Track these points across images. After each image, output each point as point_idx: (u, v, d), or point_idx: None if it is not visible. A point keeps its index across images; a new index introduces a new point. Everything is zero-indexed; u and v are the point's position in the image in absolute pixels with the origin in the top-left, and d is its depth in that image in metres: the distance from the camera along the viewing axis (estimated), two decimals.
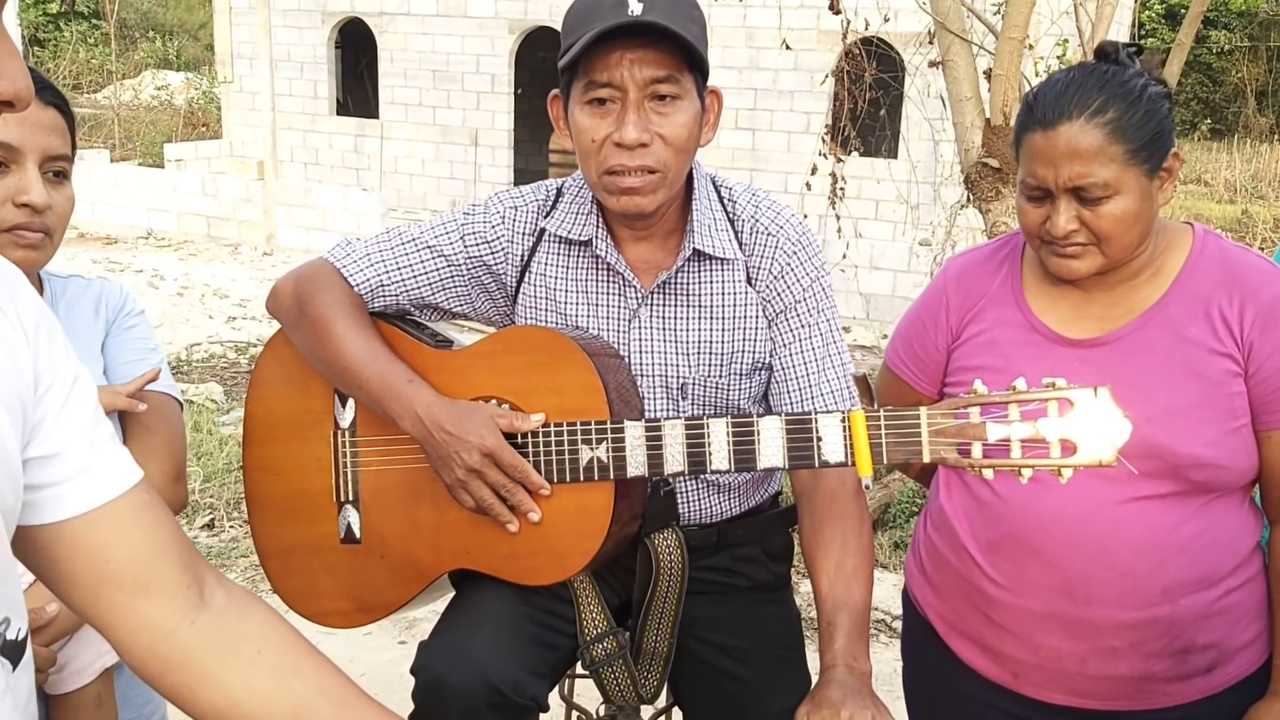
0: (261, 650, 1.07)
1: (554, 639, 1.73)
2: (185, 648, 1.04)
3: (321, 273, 1.74)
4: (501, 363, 1.65)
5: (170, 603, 1.04)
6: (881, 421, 1.47)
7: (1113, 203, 1.56)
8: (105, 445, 1.03)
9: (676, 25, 1.54)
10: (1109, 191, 1.55)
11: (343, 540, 1.75)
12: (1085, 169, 1.54)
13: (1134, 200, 1.56)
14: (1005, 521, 1.69)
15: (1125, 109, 1.55)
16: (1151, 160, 1.57)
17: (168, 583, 1.03)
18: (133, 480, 1.03)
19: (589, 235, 1.72)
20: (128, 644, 1.04)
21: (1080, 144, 1.54)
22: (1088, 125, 1.54)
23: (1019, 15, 4.72)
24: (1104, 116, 1.54)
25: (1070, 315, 1.69)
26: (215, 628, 1.05)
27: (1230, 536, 1.65)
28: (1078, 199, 1.57)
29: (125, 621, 1.03)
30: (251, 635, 1.07)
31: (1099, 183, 1.55)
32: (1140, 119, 1.55)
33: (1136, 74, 1.59)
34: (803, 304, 1.73)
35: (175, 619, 1.04)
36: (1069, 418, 1.39)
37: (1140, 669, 1.65)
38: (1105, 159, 1.54)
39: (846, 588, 1.64)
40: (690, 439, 1.54)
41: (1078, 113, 1.55)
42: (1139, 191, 1.56)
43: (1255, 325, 1.59)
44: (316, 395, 1.76)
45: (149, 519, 1.04)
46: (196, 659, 1.04)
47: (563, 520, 1.60)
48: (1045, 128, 1.57)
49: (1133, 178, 1.56)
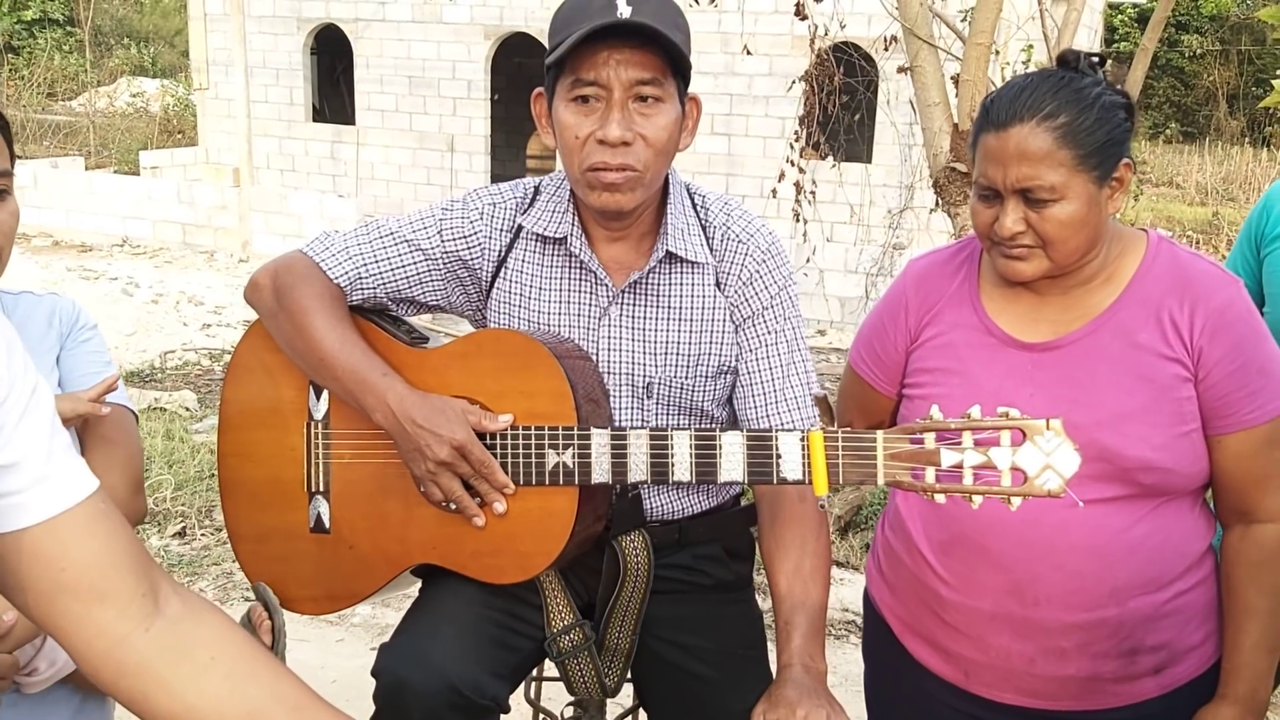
0: (216, 657, 1.08)
1: (515, 640, 1.75)
2: (140, 654, 1.05)
3: (300, 265, 1.76)
4: (474, 364, 1.68)
5: (125, 610, 1.05)
6: (840, 443, 1.50)
7: (1059, 207, 1.59)
8: (62, 455, 1.04)
9: (663, 29, 1.57)
10: (1055, 195, 1.58)
11: (313, 529, 1.78)
12: (1033, 171, 1.58)
13: (1080, 206, 1.59)
14: (957, 523, 1.71)
15: (1076, 115, 1.58)
16: (1100, 168, 1.60)
17: (123, 591, 1.05)
18: (89, 489, 1.05)
19: (564, 233, 1.75)
20: (84, 651, 1.05)
21: (1029, 146, 1.58)
22: (1038, 129, 1.58)
23: (985, 21, 4.76)
24: (1054, 121, 1.58)
25: (1024, 319, 1.72)
26: (170, 635, 1.07)
27: (1180, 540, 1.68)
28: (1025, 201, 1.60)
29: (81, 629, 1.04)
30: (206, 642, 1.08)
31: (1045, 185, 1.58)
32: (1090, 126, 1.58)
33: (1094, 82, 1.62)
34: (770, 310, 1.76)
35: (130, 626, 1.05)
36: (1022, 448, 1.42)
37: (1088, 669, 1.68)
38: (1053, 163, 1.57)
39: (804, 588, 1.67)
40: (654, 450, 1.57)
41: (1029, 116, 1.58)
42: (1086, 198, 1.59)
43: (1204, 331, 1.61)
44: (292, 385, 1.79)
45: (105, 528, 1.05)
46: (151, 665, 1.05)
47: (527, 521, 1.63)
48: (997, 129, 1.61)
49: (1080, 184, 1.59)
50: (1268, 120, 20.98)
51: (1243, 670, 1.68)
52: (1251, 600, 1.68)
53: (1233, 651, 1.70)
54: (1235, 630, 1.69)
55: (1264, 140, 20.07)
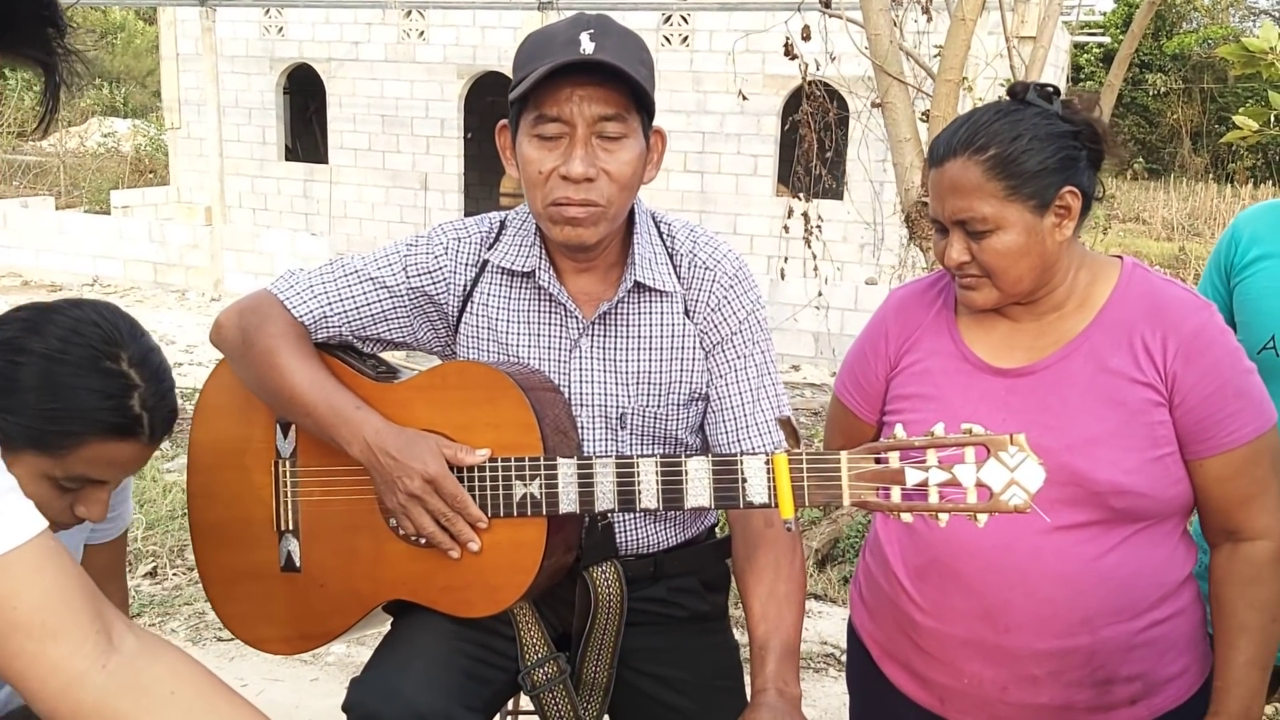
0: (175, 691, 1.07)
1: (488, 673, 1.74)
2: (98, 692, 1.04)
3: (265, 304, 1.76)
4: (440, 396, 1.68)
5: (80, 648, 1.04)
6: (804, 465, 1.50)
7: (995, 237, 1.62)
8: (8, 495, 1.04)
9: (626, 66, 1.58)
10: (989, 226, 1.62)
11: (283, 568, 1.77)
12: (965, 204, 1.62)
13: (1017, 235, 1.62)
14: (931, 548, 1.72)
15: (1005, 146, 1.61)
16: (1036, 197, 1.62)
17: (76, 628, 1.04)
18: (37, 528, 1.04)
19: (532, 266, 1.75)
20: (39, 691, 1.04)
21: (959, 180, 1.63)
22: (968, 163, 1.62)
23: (954, 58, 4.84)
24: (983, 155, 1.61)
25: (999, 345, 1.74)
26: (127, 670, 1.06)
27: (1155, 568, 1.68)
28: (965, 232, 1.64)
29: (35, 669, 1.03)
30: (164, 677, 1.08)
31: (978, 217, 1.62)
32: (1019, 157, 1.61)
33: (1038, 113, 1.64)
34: (739, 335, 1.77)
35: (86, 663, 1.04)
36: (986, 464, 1.42)
37: (1061, 698, 1.68)
38: (983, 194, 1.61)
39: (779, 613, 1.67)
40: (620, 478, 1.57)
41: (961, 150, 1.63)
42: (1022, 226, 1.62)
43: (1178, 356, 1.63)
44: (259, 424, 1.78)
45: (54, 565, 1.04)
46: (110, 702, 1.04)
47: (497, 553, 1.63)
48: (937, 165, 1.67)
49: (1014, 213, 1.61)
50: (1230, 157, 21.35)
51: (1235, 688, 1.68)
52: (1244, 617, 1.68)
53: (1225, 669, 1.69)
54: (1228, 648, 1.69)
55: (1227, 176, 20.41)
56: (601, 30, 1.60)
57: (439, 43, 13.65)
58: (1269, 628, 1.69)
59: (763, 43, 11.28)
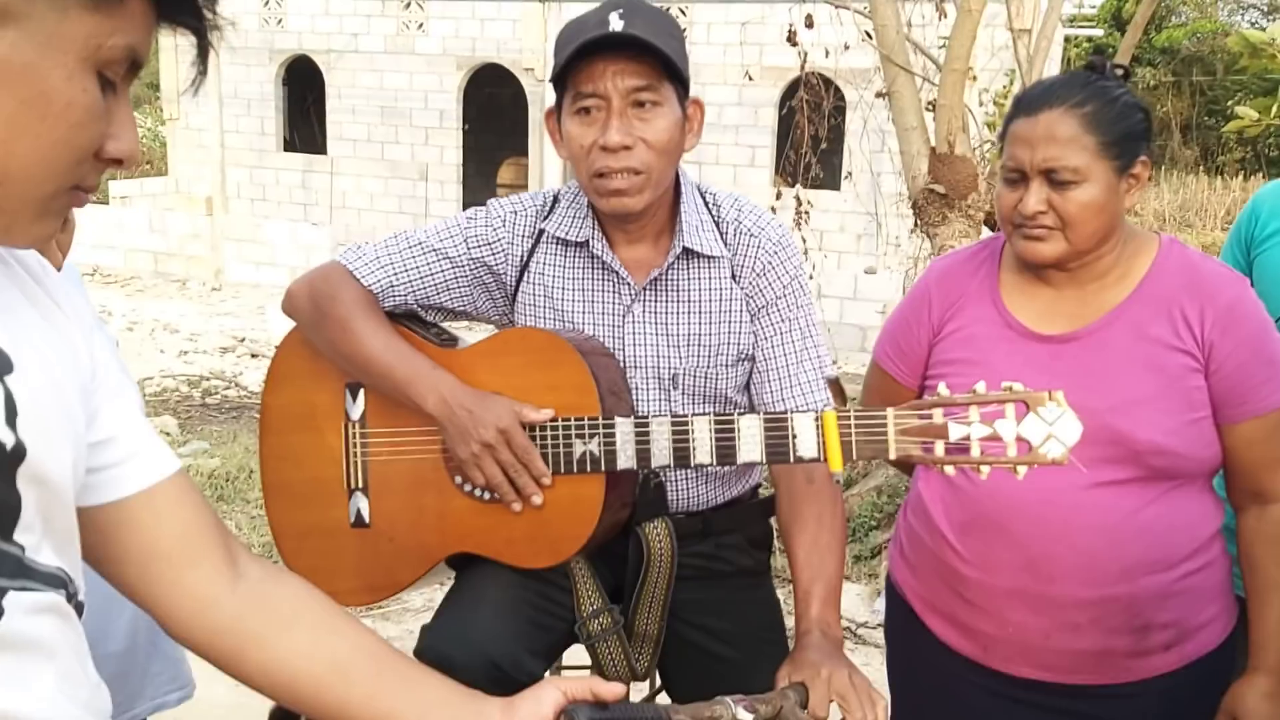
0: (299, 613, 1.15)
1: (549, 621, 1.81)
2: (229, 614, 1.12)
3: (335, 274, 1.84)
4: (501, 362, 1.75)
5: (212, 574, 1.11)
6: (852, 421, 1.57)
7: (1080, 189, 1.70)
8: (152, 434, 1.11)
9: (655, 39, 1.67)
10: (1078, 177, 1.69)
11: (353, 525, 1.84)
12: (1059, 152, 1.69)
13: (1100, 191, 1.70)
14: (976, 504, 1.80)
15: (1101, 106, 1.70)
16: (1121, 159, 1.71)
17: (209, 556, 1.12)
18: (177, 465, 1.12)
19: (585, 236, 1.83)
20: (175, 614, 1.11)
21: (1057, 130, 1.69)
22: (1066, 114, 1.70)
23: (961, 48, 4.91)
24: (1082, 109, 1.70)
25: (1043, 313, 1.81)
26: (255, 594, 1.13)
27: (1189, 522, 1.76)
28: (1049, 182, 1.71)
29: (172, 594, 1.10)
30: (288, 599, 1.16)
31: (1070, 167, 1.69)
32: (1114, 118, 1.70)
33: (1118, 84, 1.75)
34: (783, 300, 1.84)
35: (218, 589, 1.11)
36: (1025, 419, 1.48)
37: (1101, 644, 1.76)
38: (1078, 146, 1.69)
39: (821, 560, 1.74)
40: (676, 435, 1.64)
41: (1059, 103, 1.71)
42: (1105, 184, 1.70)
43: (1215, 326, 1.72)
44: (327, 390, 1.85)
45: (192, 499, 1.12)
46: (240, 624, 1.12)
47: (558, 508, 1.70)
48: (1029, 114, 1.73)
49: (1101, 170, 1.70)
50: (1220, 149, 21.50)
51: (1271, 642, 1.75)
52: (1274, 575, 1.76)
53: (1260, 625, 1.77)
54: (1261, 605, 1.77)
55: (1217, 169, 20.54)
56: (631, 9, 1.69)
57: (438, 34, 13.70)
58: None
59: (761, 34, 11.37)
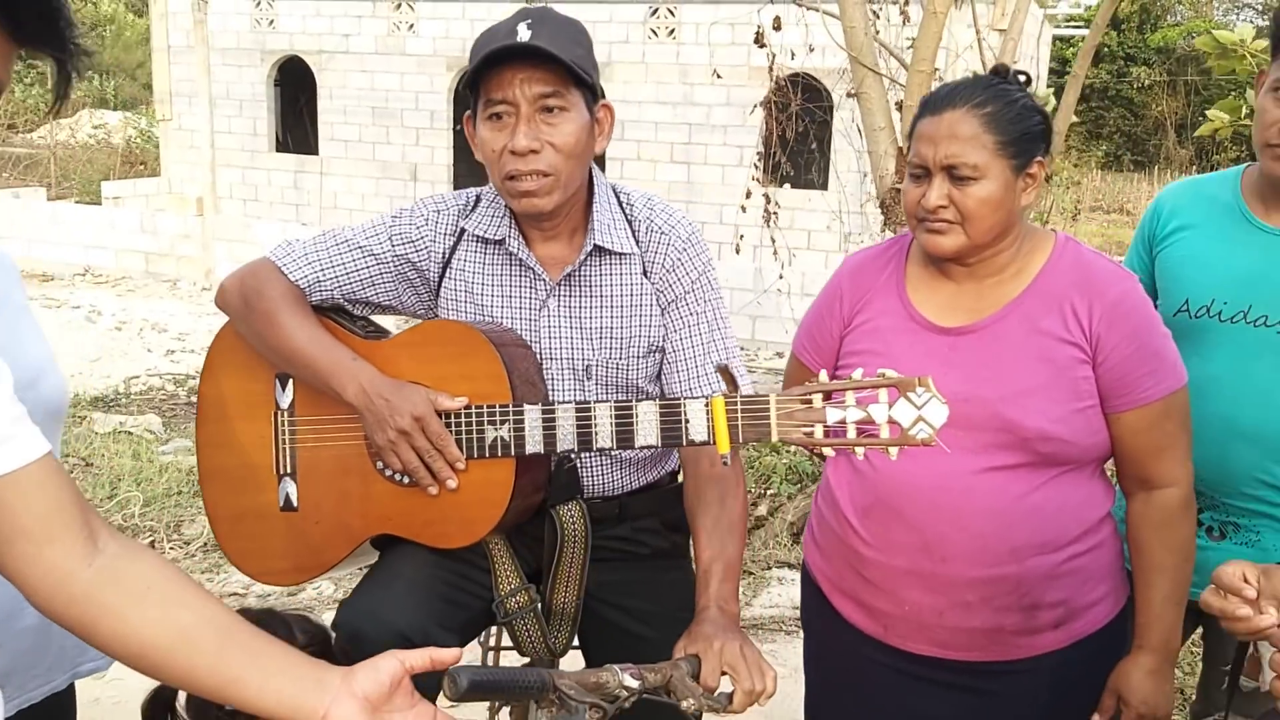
0: (150, 586, 1.23)
1: (465, 599, 1.91)
2: (84, 586, 1.20)
3: (265, 270, 1.94)
4: (421, 352, 1.85)
5: (70, 550, 1.20)
6: (739, 407, 1.67)
7: (979, 185, 1.79)
8: (21, 418, 1.20)
9: (559, 49, 1.77)
10: (977, 174, 1.79)
11: (282, 508, 1.93)
12: (960, 150, 1.79)
13: (997, 188, 1.79)
14: (876, 489, 1.88)
15: (1001, 108, 1.80)
16: (1018, 158, 1.80)
17: (68, 533, 1.20)
18: (45, 448, 1.21)
19: (503, 235, 1.93)
20: (36, 586, 1.20)
21: (959, 128, 1.79)
22: (968, 114, 1.80)
23: (926, 49, 4.99)
24: (982, 110, 1.79)
25: (944, 306, 1.91)
26: (110, 569, 1.22)
27: (1077, 506, 1.85)
28: (950, 178, 1.80)
29: (33, 569, 1.19)
30: (141, 574, 1.23)
31: (969, 164, 1.78)
32: (1012, 119, 1.80)
33: (1019, 89, 1.85)
34: (691, 294, 1.94)
35: (75, 563, 1.20)
36: (897, 404, 1.58)
37: (992, 622, 1.85)
38: (978, 144, 1.78)
39: (722, 541, 1.83)
40: (580, 421, 1.74)
41: (961, 103, 1.81)
42: (1003, 182, 1.80)
43: (1102, 320, 1.81)
44: (259, 380, 1.95)
45: (56, 481, 1.21)
46: (94, 595, 1.20)
47: (471, 490, 1.79)
48: (933, 113, 1.83)
49: (999, 168, 1.79)
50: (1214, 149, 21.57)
51: (1156, 623, 1.86)
52: (1159, 558, 1.86)
53: (1145, 606, 1.87)
54: (1146, 587, 1.87)
55: (1211, 168, 20.60)
56: (538, 19, 1.80)
57: (428, 35, 13.78)
58: (1182, 566, 1.87)
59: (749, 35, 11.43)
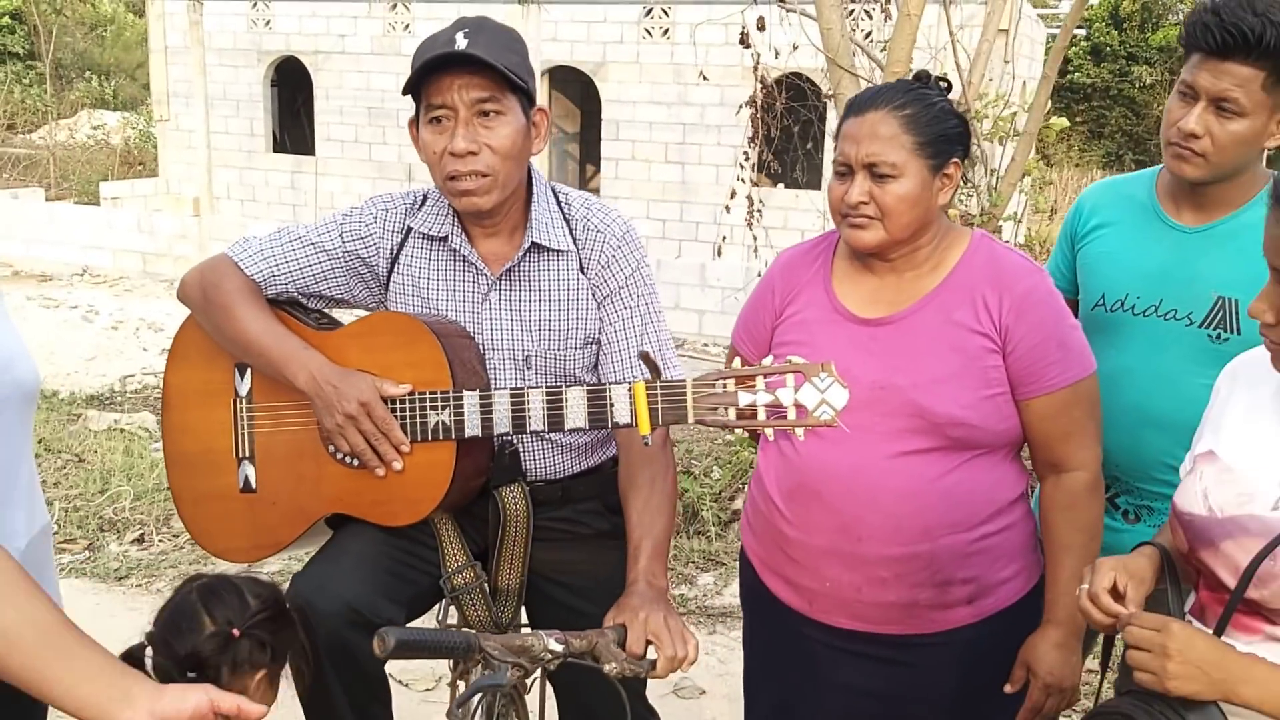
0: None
1: (412, 575, 2.03)
2: None
3: (223, 265, 2.07)
4: (369, 342, 1.97)
5: None
6: (658, 391, 1.79)
7: (897, 183, 1.90)
8: None
9: (494, 56, 1.89)
10: (896, 172, 1.90)
11: (242, 490, 2.06)
12: (880, 149, 1.90)
13: (915, 186, 1.90)
14: (799, 473, 2.00)
15: (920, 110, 1.91)
16: (935, 159, 1.91)
17: None
18: None
19: (446, 232, 2.05)
20: None
21: (879, 128, 1.90)
22: (889, 115, 1.91)
23: (900, 50, 5.09)
24: (902, 112, 1.91)
25: (866, 299, 2.02)
26: None
27: (988, 488, 1.96)
28: (871, 176, 1.91)
29: None
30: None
31: (889, 162, 1.89)
32: (930, 121, 1.91)
33: (939, 94, 1.97)
34: (626, 289, 2.05)
35: None
36: (802, 387, 1.70)
37: (907, 597, 1.96)
38: (897, 144, 1.89)
39: (652, 519, 1.96)
40: (514, 405, 1.86)
41: (883, 105, 1.92)
42: (920, 180, 1.91)
43: (1011, 312, 1.92)
44: (219, 369, 2.08)
45: None
46: None
47: (416, 471, 1.92)
48: (857, 114, 1.94)
49: (917, 167, 1.90)
50: None
51: (1063, 598, 1.96)
52: (1066, 538, 1.97)
53: (1054, 583, 1.98)
54: (1055, 565, 1.98)
55: None
56: (475, 29, 1.92)
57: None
58: (1089, 545, 1.98)
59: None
